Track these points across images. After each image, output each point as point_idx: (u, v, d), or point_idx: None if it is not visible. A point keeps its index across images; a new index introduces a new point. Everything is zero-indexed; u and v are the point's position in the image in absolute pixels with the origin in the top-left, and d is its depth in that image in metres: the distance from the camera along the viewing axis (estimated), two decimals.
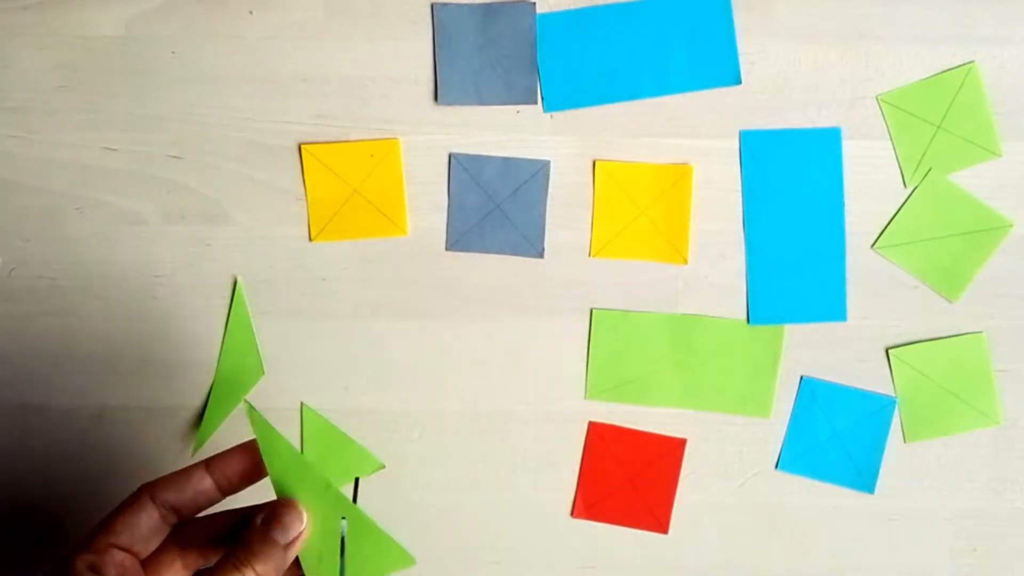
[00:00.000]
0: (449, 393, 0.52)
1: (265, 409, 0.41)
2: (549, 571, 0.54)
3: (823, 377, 0.52)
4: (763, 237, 0.51)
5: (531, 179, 0.51)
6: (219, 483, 0.41)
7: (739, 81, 0.50)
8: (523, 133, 0.50)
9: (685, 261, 0.51)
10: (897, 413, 0.52)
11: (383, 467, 0.53)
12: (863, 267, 0.51)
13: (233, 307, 0.51)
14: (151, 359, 0.52)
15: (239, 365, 0.51)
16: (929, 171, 0.50)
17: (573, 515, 0.53)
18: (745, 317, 0.51)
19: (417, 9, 0.49)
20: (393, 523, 0.41)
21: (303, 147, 0.50)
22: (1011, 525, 0.53)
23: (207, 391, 0.52)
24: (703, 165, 0.51)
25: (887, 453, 0.52)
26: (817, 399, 0.52)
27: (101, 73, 0.50)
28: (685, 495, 0.53)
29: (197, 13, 0.49)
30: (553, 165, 0.51)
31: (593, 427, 0.52)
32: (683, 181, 0.51)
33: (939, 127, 0.50)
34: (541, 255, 0.51)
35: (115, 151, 0.50)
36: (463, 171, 0.51)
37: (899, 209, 0.51)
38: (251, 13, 0.49)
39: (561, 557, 0.54)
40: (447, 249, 0.51)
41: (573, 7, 0.49)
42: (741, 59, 0.50)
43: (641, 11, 0.50)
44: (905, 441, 0.52)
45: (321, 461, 0.48)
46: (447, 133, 0.50)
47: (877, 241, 0.51)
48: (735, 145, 0.50)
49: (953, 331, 0.52)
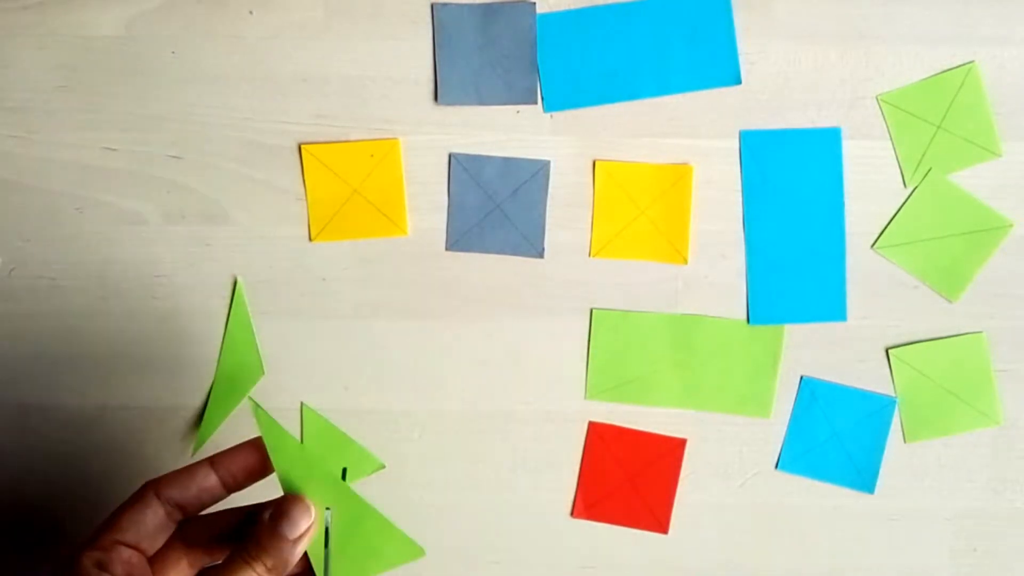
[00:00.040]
0: (449, 393, 0.52)
1: (265, 409, 0.41)
2: (549, 571, 0.54)
3: (823, 377, 0.52)
4: (763, 237, 0.51)
5: (531, 179, 0.51)
6: (224, 480, 0.41)
7: (739, 81, 0.50)
8: (523, 133, 0.50)
9: (685, 261, 0.51)
10: (897, 413, 0.52)
11: (383, 467, 0.53)
12: (863, 267, 0.51)
13: (233, 307, 0.51)
14: (151, 359, 0.52)
15: (239, 365, 0.51)
16: (929, 171, 0.50)
17: (573, 515, 0.53)
18: (745, 317, 0.51)
19: (417, 9, 0.49)
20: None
21: (303, 147, 0.50)
22: (1011, 525, 0.53)
23: (207, 391, 0.52)
24: (703, 165, 0.51)
25: (887, 453, 0.52)
26: (817, 399, 0.52)
27: (101, 73, 0.50)
28: (685, 495, 0.53)
29: (197, 13, 0.49)
30: (553, 165, 0.51)
31: (593, 427, 0.52)
32: (683, 181, 0.51)
33: (939, 127, 0.50)
34: (541, 255, 0.51)
35: (115, 151, 0.50)
36: (463, 171, 0.51)
37: (899, 209, 0.51)
38: (251, 13, 0.49)
39: (561, 557, 0.54)
40: (447, 249, 0.51)
41: (573, 7, 0.49)
42: (741, 59, 0.50)
43: (641, 11, 0.50)
44: (905, 441, 0.52)
45: (308, 460, 0.47)
46: (447, 133, 0.50)
47: (877, 241, 0.51)
48: (735, 145, 0.50)
49: (953, 331, 0.52)
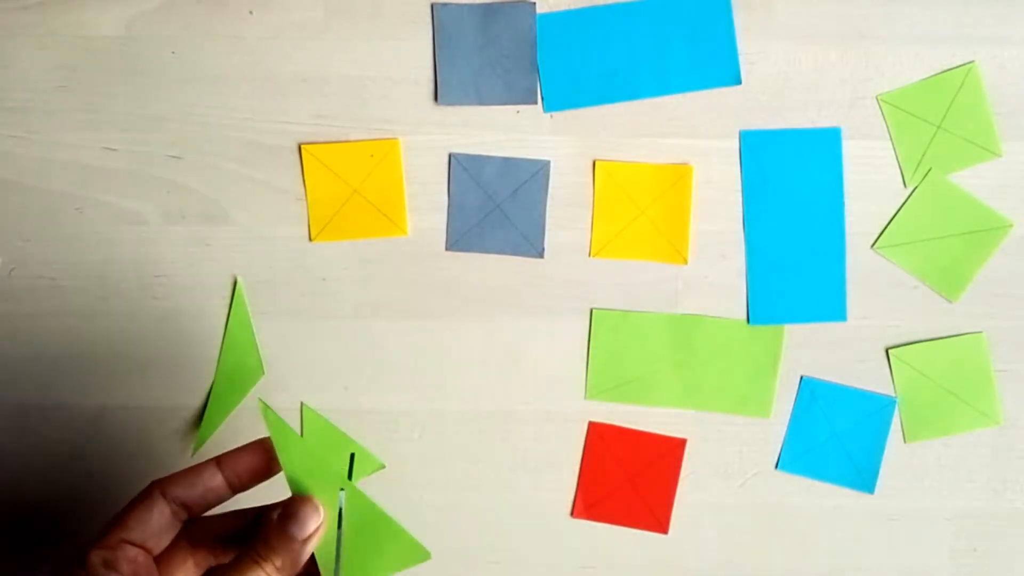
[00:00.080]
0: (449, 393, 0.52)
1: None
2: (549, 571, 0.54)
3: (823, 377, 0.52)
4: (763, 237, 0.51)
5: (531, 179, 0.51)
6: (229, 480, 0.41)
7: (739, 81, 0.50)
8: (523, 133, 0.50)
9: (685, 261, 0.51)
10: (897, 413, 0.52)
11: (383, 467, 0.52)
12: (863, 267, 0.51)
13: (233, 307, 0.51)
14: (151, 359, 0.52)
15: (239, 365, 0.51)
16: (929, 171, 0.50)
17: (573, 515, 0.53)
18: (745, 317, 0.51)
19: (417, 9, 0.49)
20: None
21: (303, 147, 0.50)
22: (1011, 525, 0.53)
23: (207, 391, 0.52)
24: (703, 165, 0.51)
25: (887, 453, 0.52)
26: (817, 399, 0.52)
27: (101, 73, 0.50)
28: (685, 495, 0.53)
29: (197, 13, 0.49)
30: (553, 165, 0.51)
31: (593, 427, 0.52)
32: (683, 181, 0.51)
33: (939, 127, 0.50)
34: (541, 255, 0.51)
35: (115, 151, 0.50)
36: (463, 171, 0.51)
37: (899, 209, 0.51)
38: (251, 13, 0.49)
39: (561, 557, 0.54)
40: (447, 249, 0.51)
41: (573, 7, 0.49)
42: (741, 59, 0.50)
43: (641, 11, 0.50)
44: (905, 441, 0.52)
45: (314, 460, 0.47)
46: (447, 133, 0.50)
47: (877, 241, 0.51)
48: (735, 145, 0.50)
49: (953, 331, 0.52)
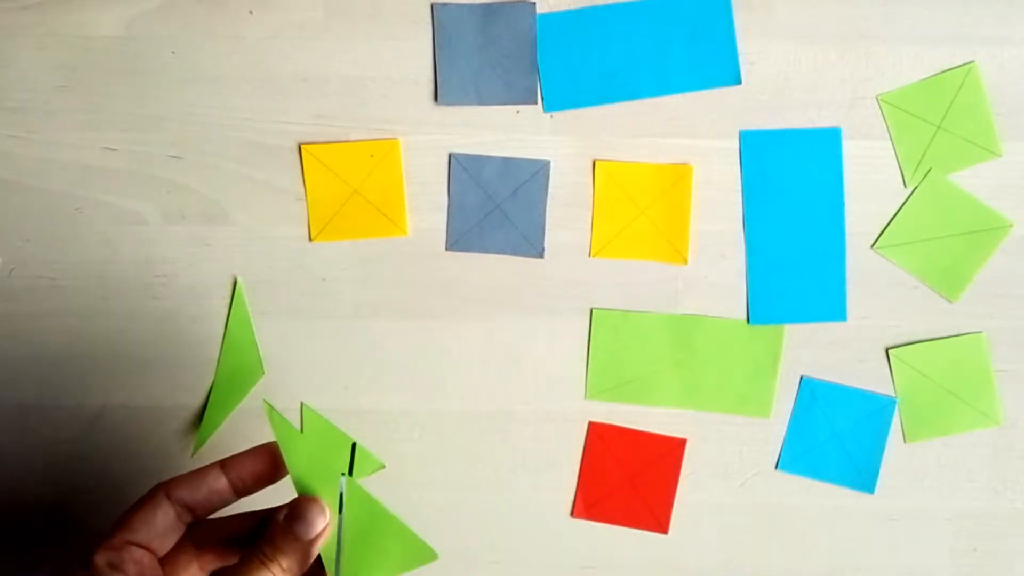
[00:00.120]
0: (449, 393, 0.52)
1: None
2: (549, 571, 0.54)
3: (823, 377, 0.52)
4: (763, 237, 0.51)
5: (531, 179, 0.51)
6: (234, 484, 0.41)
7: (739, 81, 0.50)
8: (523, 133, 0.50)
9: (685, 261, 0.51)
10: (897, 413, 0.52)
11: (383, 467, 0.52)
12: (863, 267, 0.51)
13: (233, 307, 0.51)
14: (151, 359, 0.52)
15: (239, 365, 0.51)
16: (929, 171, 0.50)
17: (573, 515, 0.53)
18: (745, 317, 0.51)
19: (417, 9, 0.49)
20: None
21: (303, 147, 0.50)
22: (1011, 525, 0.53)
23: (207, 391, 0.52)
24: (703, 165, 0.51)
25: (887, 453, 0.52)
26: (817, 399, 0.52)
27: (101, 73, 0.50)
28: (685, 495, 0.53)
29: (197, 13, 0.49)
30: (553, 165, 0.51)
31: (593, 427, 0.52)
32: (683, 181, 0.51)
33: (939, 127, 0.50)
34: (541, 255, 0.51)
35: (115, 151, 0.50)
36: (463, 171, 0.51)
37: (899, 209, 0.51)
38: (251, 13, 0.49)
39: (561, 557, 0.54)
40: (447, 249, 0.51)
41: (573, 7, 0.49)
42: (741, 59, 0.50)
43: (641, 11, 0.50)
44: (905, 441, 0.52)
45: (319, 461, 0.47)
46: (447, 133, 0.50)
47: (877, 241, 0.51)
48: (735, 145, 0.50)
49: (953, 331, 0.52)
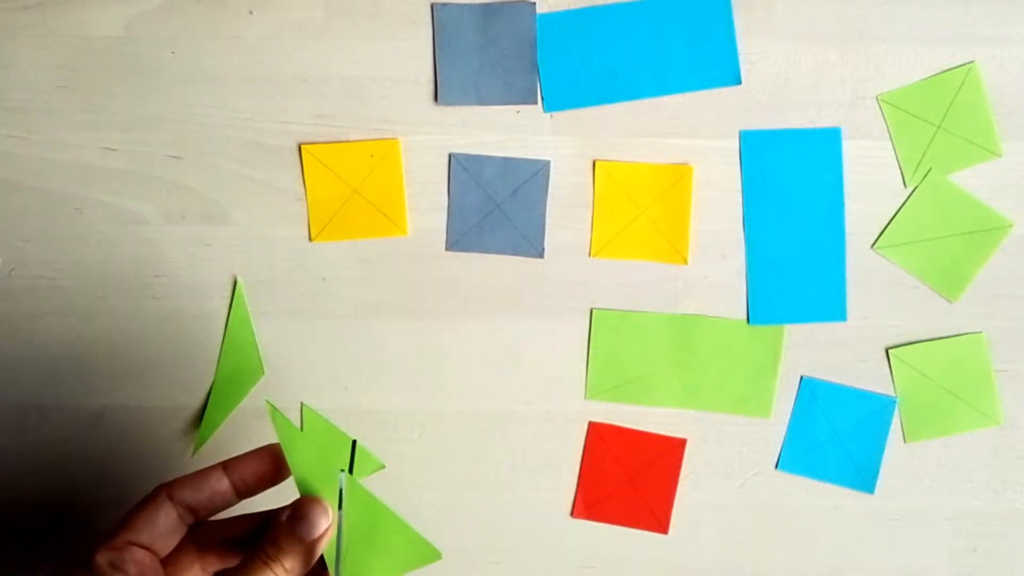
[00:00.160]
0: (449, 393, 0.52)
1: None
2: (549, 571, 0.54)
3: (823, 377, 0.52)
4: (763, 237, 0.51)
5: (531, 179, 0.51)
6: (235, 485, 0.41)
7: (739, 81, 0.50)
8: (523, 133, 0.50)
9: (685, 261, 0.51)
10: (897, 413, 0.52)
11: (383, 467, 0.52)
12: (863, 267, 0.51)
13: (233, 307, 0.51)
14: (151, 359, 0.52)
15: (239, 365, 0.51)
16: (929, 171, 0.50)
17: (573, 515, 0.53)
18: (745, 317, 0.51)
19: (417, 9, 0.49)
20: None
21: (303, 147, 0.50)
22: (1011, 525, 0.53)
23: (207, 391, 0.52)
24: (703, 165, 0.51)
25: (887, 453, 0.52)
26: (817, 399, 0.52)
27: (101, 73, 0.50)
28: (685, 495, 0.53)
29: (197, 13, 0.49)
30: (553, 165, 0.51)
31: (593, 427, 0.52)
32: (683, 181, 0.51)
33: (939, 127, 0.50)
34: (541, 255, 0.51)
35: (115, 151, 0.50)
36: (463, 171, 0.51)
37: (899, 209, 0.51)
38: (251, 13, 0.49)
39: (561, 557, 0.54)
40: (447, 249, 0.51)
41: (573, 7, 0.49)
42: (741, 59, 0.50)
43: (641, 11, 0.50)
44: (905, 441, 0.52)
45: (321, 462, 0.48)
46: (447, 133, 0.50)
47: (877, 241, 0.51)
48: (735, 145, 0.50)
49: (953, 331, 0.52)
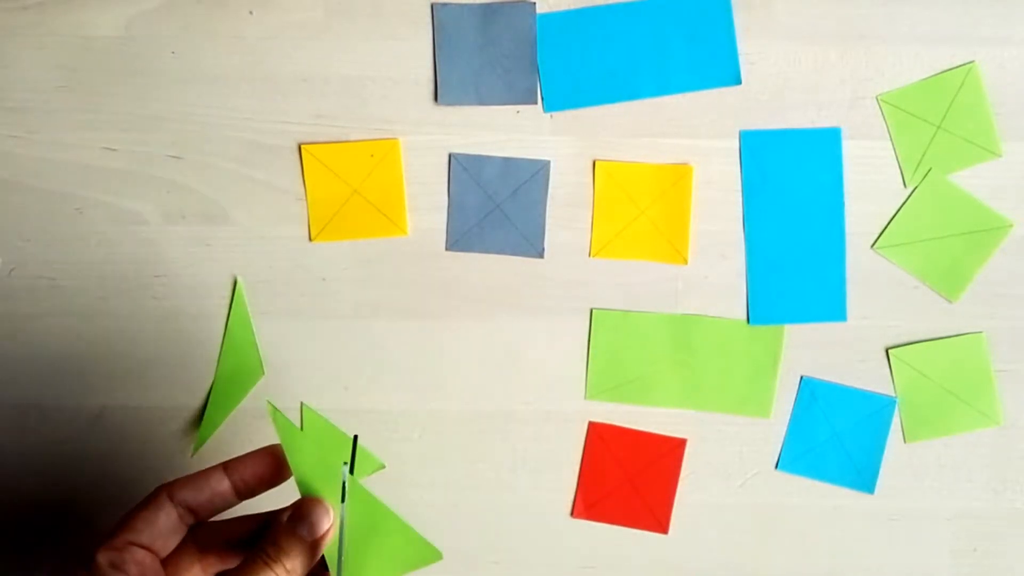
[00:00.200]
0: (449, 393, 0.52)
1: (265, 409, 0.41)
2: (549, 571, 0.54)
3: (823, 377, 0.52)
4: (763, 237, 0.51)
5: (531, 179, 0.51)
6: (236, 486, 0.41)
7: (739, 81, 0.50)
8: (523, 133, 0.50)
9: (685, 261, 0.51)
10: (897, 413, 0.52)
11: (383, 467, 0.53)
12: (863, 267, 0.51)
13: (233, 307, 0.51)
14: (151, 359, 0.52)
15: (239, 365, 0.51)
16: (929, 171, 0.50)
17: (573, 515, 0.53)
18: (745, 317, 0.51)
19: (417, 9, 0.49)
20: None
21: (303, 147, 0.50)
22: (1011, 525, 0.53)
23: (207, 391, 0.52)
24: (703, 165, 0.51)
25: (887, 453, 0.52)
26: (817, 399, 0.52)
27: (101, 73, 0.50)
28: (685, 495, 0.53)
29: (197, 13, 0.49)
30: (553, 165, 0.51)
31: (593, 427, 0.52)
32: (683, 181, 0.51)
33: (939, 127, 0.50)
34: (541, 255, 0.51)
35: (115, 151, 0.50)
36: (463, 171, 0.51)
37: (899, 209, 0.51)
38: (251, 13, 0.49)
39: (561, 557, 0.54)
40: (447, 249, 0.51)
41: (573, 7, 0.49)
42: (741, 59, 0.50)
43: (641, 11, 0.50)
44: (905, 441, 0.52)
45: (322, 462, 0.48)
46: (447, 133, 0.50)
47: (877, 241, 0.51)
48: (735, 145, 0.50)
49: (953, 331, 0.52)
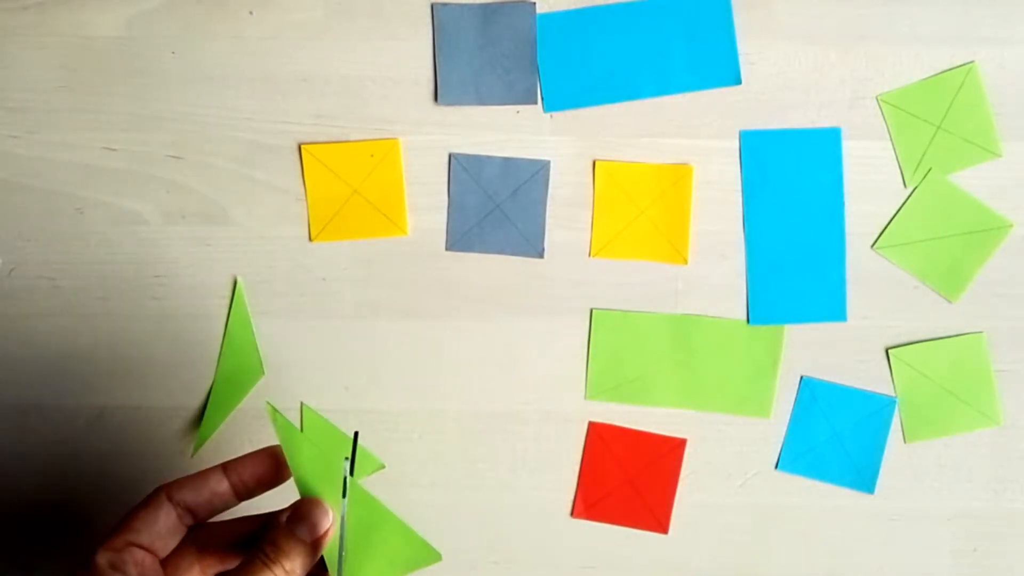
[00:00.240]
0: (449, 393, 0.52)
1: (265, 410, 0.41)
2: (549, 571, 0.54)
3: (823, 377, 0.52)
4: (763, 237, 0.51)
5: (531, 179, 0.51)
6: (235, 486, 0.41)
7: (739, 81, 0.50)
8: (523, 133, 0.50)
9: (685, 261, 0.51)
10: (897, 413, 0.52)
11: (383, 467, 0.53)
12: (863, 267, 0.51)
13: (233, 307, 0.51)
14: (151, 359, 0.52)
15: (239, 365, 0.51)
16: (929, 171, 0.50)
17: (573, 515, 0.53)
18: (745, 317, 0.51)
19: (417, 9, 0.49)
20: None
21: (303, 147, 0.50)
22: (1011, 525, 0.53)
23: (207, 391, 0.52)
24: (703, 165, 0.51)
25: (887, 453, 0.52)
26: (817, 399, 0.52)
27: (101, 73, 0.50)
28: (685, 495, 0.53)
29: (197, 13, 0.49)
30: (553, 165, 0.51)
31: (593, 427, 0.52)
32: (683, 181, 0.51)
33: (939, 127, 0.50)
34: (541, 255, 0.51)
35: (115, 151, 0.50)
36: (463, 171, 0.51)
37: (899, 209, 0.51)
38: (251, 13, 0.49)
39: (561, 557, 0.54)
40: (447, 249, 0.51)
41: (573, 7, 0.49)
42: (741, 59, 0.50)
43: (641, 11, 0.50)
44: (905, 441, 0.52)
45: (322, 463, 0.48)
46: (447, 133, 0.50)
47: (877, 241, 0.51)
48: (735, 145, 0.50)
49: (953, 331, 0.52)
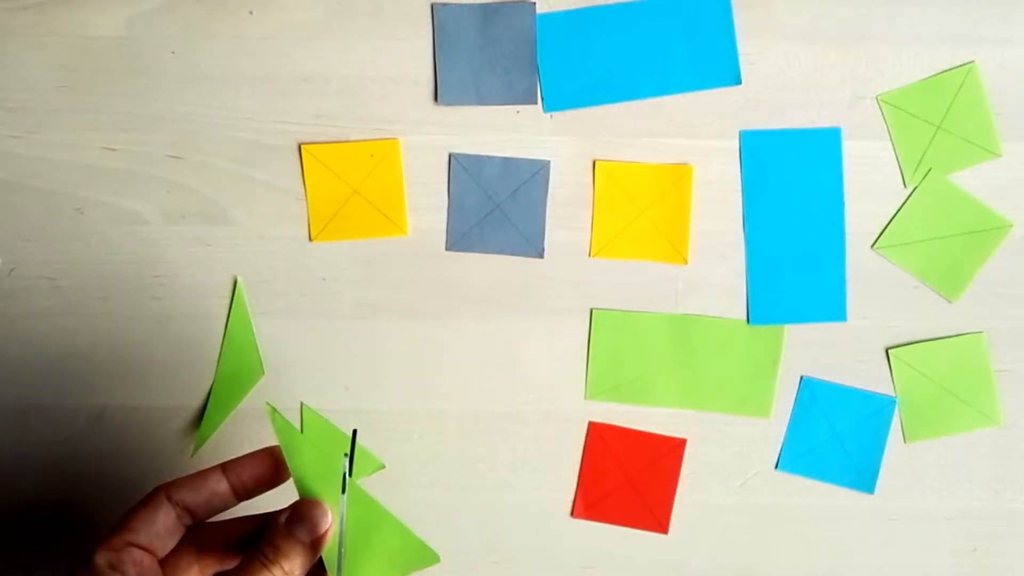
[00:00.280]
0: (449, 393, 0.52)
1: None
2: (549, 571, 0.54)
3: (823, 377, 0.52)
4: (763, 237, 0.51)
5: (531, 179, 0.51)
6: (234, 487, 0.41)
7: (739, 81, 0.50)
8: (523, 133, 0.50)
9: (685, 261, 0.51)
10: (897, 413, 0.52)
11: (383, 467, 0.53)
12: (863, 267, 0.51)
13: (233, 307, 0.51)
14: (151, 359, 0.52)
15: (239, 365, 0.51)
16: (929, 171, 0.50)
17: (573, 515, 0.53)
18: (745, 317, 0.51)
19: (417, 9, 0.49)
20: None
21: (303, 147, 0.50)
22: (1011, 525, 0.53)
23: (207, 391, 0.52)
24: (703, 165, 0.51)
25: (887, 453, 0.52)
26: (817, 399, 0.52)
27: (101, 73, 0.50)
28: (685, 495, 0.53)
29: (197, 13, 0.49)
30: (553, 165, 0.51)
31: (593, 427, 0.52)
32: (683, 181, 0.51)
33: (939, 127, 0.50)
34: (541, 255, 0.51)
35: (115, 151, 0.50)
36: (463, 171, 0.51)
37: (899, 209, 0.51)
38: (251, 13, 0.49)
39: (561, 557, 0.54)
40: (447, 249, 0.51)
41: (573, 7, 0.49)
42: (741, 59, 0.50)
43: (641, 11, 0.50)
44: (905, 441, 0.52)
45: (321, 464, 0.48)
46: (447, 133, 0.50)
47: (877, 241, 0.51)
48: (735, 145, 0.50)
49: (953, 331, 0.52)
